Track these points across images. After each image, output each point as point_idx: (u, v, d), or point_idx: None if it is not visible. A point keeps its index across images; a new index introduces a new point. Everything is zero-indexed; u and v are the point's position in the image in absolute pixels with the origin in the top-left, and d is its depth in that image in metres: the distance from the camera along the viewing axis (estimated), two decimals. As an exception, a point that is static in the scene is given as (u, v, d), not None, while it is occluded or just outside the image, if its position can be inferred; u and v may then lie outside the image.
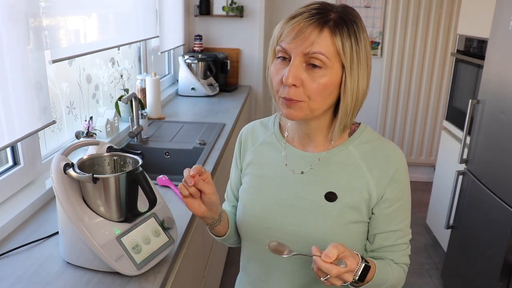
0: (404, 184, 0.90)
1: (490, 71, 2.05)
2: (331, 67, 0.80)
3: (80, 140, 1.45)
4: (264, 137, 1.01)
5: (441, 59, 3.66)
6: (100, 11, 1.91)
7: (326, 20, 0.80)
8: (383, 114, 3.85)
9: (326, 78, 0.80)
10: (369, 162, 0.89)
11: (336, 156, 0.91)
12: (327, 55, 0.79)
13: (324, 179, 0.90)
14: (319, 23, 0.79)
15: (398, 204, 0.90)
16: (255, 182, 0.98)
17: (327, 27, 0.79)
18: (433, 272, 2.69)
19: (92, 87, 2.08)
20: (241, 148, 1.06)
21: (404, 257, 0.94)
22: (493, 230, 1.94)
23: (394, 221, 0.90)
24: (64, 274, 1.08)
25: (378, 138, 0.93)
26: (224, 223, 1.01)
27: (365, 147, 0.91)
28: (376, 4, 3.60)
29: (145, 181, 1.07)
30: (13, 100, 1.24)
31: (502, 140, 1.89)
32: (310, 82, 0.80)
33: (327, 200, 0.89)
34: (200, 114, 2.71)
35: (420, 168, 4.00)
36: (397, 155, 0.90)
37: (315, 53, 0.79)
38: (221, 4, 3.44)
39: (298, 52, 0.79)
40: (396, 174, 0.88)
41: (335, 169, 0.90)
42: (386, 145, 0.92)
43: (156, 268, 1.11)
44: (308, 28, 0.79)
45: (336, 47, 0.79)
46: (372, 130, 0.95)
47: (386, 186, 0.88)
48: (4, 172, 1.40)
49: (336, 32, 0.79)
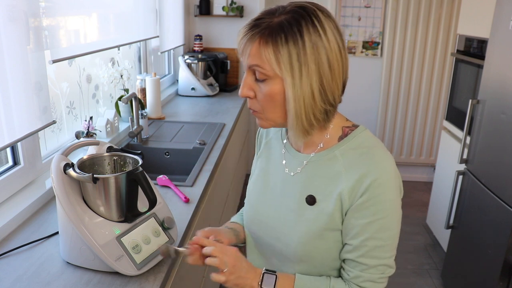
0: (379, 200, 0.82)
1: (490, 71, 2.05)
2: (273, 76, 0.79)
3: (80, 140, 1.45)
4: (274, 132, 1.04)
5: (441, 59, 3.66)
6: (100, 11, 1.91)
7: (261, 30, 0.78)
8: (383, 114, 3.85)
9: (268, 88, 0.81)
10: (350, 169, 0.84)
11: (322, 160, 0.90)
12: (262, 66, 0.79)
13: (307, 182, 0.90)
14: (253, 35, 0.78)
15: (366, 220, 0.82)
16: (259, 175, 1.02)
17: (258, 38, 0.78)
18: (433, 272, 2.69)
19: (92, 87, 2.08)
20: (258, 140, 1.09)
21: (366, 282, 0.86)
22: (493, 230, 1.94)
23: (358, 236, 0.84)
24: (64, 274, 1.08)
25: (371, 145, 0.87)
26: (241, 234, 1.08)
27: (351, 154, 0.86)
28: (376, 4, 3.60)
29: (145, 181, 1.07)
30: (13, 100, 1.24)
31: (502, 140, 1.89)
32: (258, 93, 0.83)
33: (307, 203, 0.89)
34: (200, 114, 2.71)
35: (420, 168, 4.00)
36: (380, 167, 0.82)
37: (252, 66, 0.80)
38: (221, 4, 3.44)
39: (246, 64, 0.82)
40: (372, 186, 0.81)
41: (319, 172, 0.89)
42: (375, 154, 0.85)
43: (156, 268, 1.11)
44: (244, 41, 0.80)
45: (269, 57, 0.78)
46: (369, 136, 0.89)
47: (357, 195, 0.82)
48: (4, 172, 1.40)
49: (267, 42, 0.77)
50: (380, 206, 0.82)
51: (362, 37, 3.69)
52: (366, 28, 3.67)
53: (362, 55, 3.74)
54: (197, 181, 1.67)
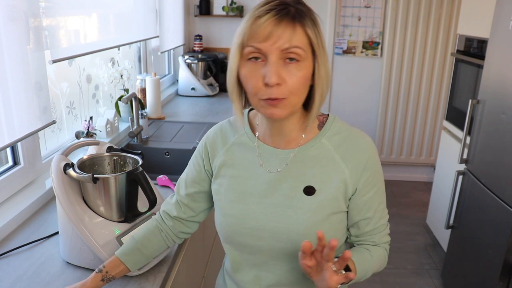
0: (377, 169, 0.93)
1: (490, 71, 2.05)
2: (306, 59, 0.82)
3: (80, 140, 1.45)
4: (235, 138, 1.00)
5: (441, 59, 3.66)
6: (100, 11, 1.91)
7: (293, 13, 0.81)
8: (383, 114, 3.85)
9: (304, 71, 0.82)
10: (343, 153, 0.91)
11: (310, 150, 0.92)
12: (303, 47, 0.81)
13: (301, 174, 0.91)
14: (289, 18, 0.80)
15: (373, 190, 0.93)
16: (231, 184, 0.96)
17: (297, 20, 0.81)
18: (433, 272, 2.69)
19: (92, 87, 2.08)
20: (208, 149, 1.02)
21: (385, 237, 0.98)
22: (493, 230, 1.94)
23: (372, 207, 0.93)
24: (64, 274, 1.08)
25: (348, 128, 0.95)
26: (118, 272, 0.99)
27: (337, 138, 0.92)
28: (376, 4, 3.60)
29: (145, 181, 1.07)
30: (13, 100, 1.24)
31: (502, 140, 1.89)
32: (290, 77, 0.81)
33: (306, 194, 0.90)
34: (200, 114, 2.71)
35: (420, 168, 3.99)
36: (368, 143, 0.93)
37: (293, 48, 0.80)
38: (221, 4, 3.44)
39: (274, 49, 0.80)
40: (368, 162, 0.91)
41: (311, 163, 0.91)
42: (356, 134, 0.94)
43: (156, 268, 1.11)
44: (280, 24, 0.79)
45: (308, 38, 0.82)
46: (340, 120, 0.96)
47: (360, 175, 0.90)
48: (4, 172, 1.40)
49: (304, 24, 0.81)
50: (377, 175, 0.94)
51: (362, 37, 3.69)
52: (366, 28, 3.67)
53: (362, 55, 3.74)
54: (197, 181, 1.67)
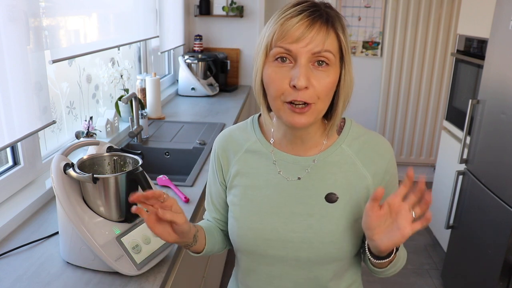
0: (395, 171, 0.94)
1: (490, 71, 2.05)
2: (335, 64, 0.81)
3: (80, 140, 1.45)
4: (248, 145, 0.95)
5: (441, 59, 3.65)
6: (100, 11, 1.91)
7: (326, 17, 0.78)
8: (383, 114, 3.85)
9: (332, 76, 0.80)
10: (363, 158, 0.90)
11: (331, 157, 0.90)
12: (334, 52, 0.79)
13: (322, 181, 0.89)
14: (323, 21, 0.78)
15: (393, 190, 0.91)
16: (247, 194, 0.92)
17: (330, 24, 0.78)
18: (433, 272, 2.69)
19: (92, 87, 2.08)
20: (221, 160, 0.97)
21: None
22: (493, 230, 1.94)
23: None
24: (64, 274, 1.08)
25: (365, 132, 0.94)
26: (200, 241, 0.94)
27: (356, 143, 0.91)
28: (376, 4, 3.60)
29: (145, 181, 1.07)
30: (13, 100, 1.24)
31: (502, 140, 1.89)
32: (318, 82, 0.78)
33: (328, 201, 0.88)
34: (200, 114, 2.71)
35: (420, 168, 3.99)
36: (386, 147, 0.92)
37: (324, 52, 0.77)
38: (221, 4, 3.44)
39: (305, 51, 0.76)
40: (388, 166, 0.91)
41: (332, 169, 0.89)
42: (375, 138, 0.93)
43: (156, 268, 1.11)
44: (314, 26, 0.76)
45: (339, 43, 0.80)
46: (357, 124, 0.95)
47: (381, 179, 0.90)
48: (4, 172, 1.40)
49: (336, 28, 0.80)
50: (395, 176, 0.94)
51: (362, 37, 3.69)
52: (366, 28, 3.67)
53: (362, 55, 3.74)
54: (197, 181, 1.67)
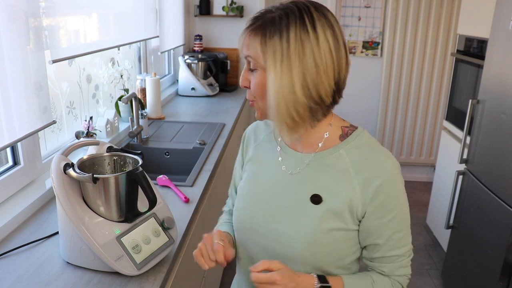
0: (395, 196, 0.86)
1: (490, 71, 2.05)
2: (261, 67, 0.84)
3: (80, 140, 1.45)
4: (265, 135, 1.03)
5: (441, 59, 3.66)
6: (100, 11, 1.91)
7: (255, 24, 0.84)
8: (383, 114, 3.85)
9: (258, 78, 0.85)
10: (358, 168, 0.86)
11: (326, 159, 0.90)
12: (253, 56, 0.84)
13: (311, 181, 0.90)
14: (248, 27, 0.85)
15: (388, 217, 0.86)
16: (250, 178, 1.00)
17: (251, 30, 0.84)
18: (433, 272, 2.69)
19: (92, 87, 2.08)
20: (244, 145, 1.07)
21: (399, 270, 0.91)
22: (493, 230, 1.94)
23: (384, 234, 0.88)
24: (64, 274, 1.08)
25: (372, 146, 0.90)
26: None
27: (356, 153, 0.88)
28: (376, 4, 3.60)
29: (145, 181, 1.07)
30: (13, 100, 1.24)
31: (502, 140, 1.89)
32: (251, 83, 0.87)
33: (312, 202, 0.88)
34: (200, 114, 2.71)
35: (420, 168, 4.00)
36: (387, 167, 0.86)
37: (246, 57, 0.86)
38: (221, 4, 3.44)
39: (243, 56, 0.88)
40: (382, 187, 0.84)
41: (324, 171, 0.89)
42: (379, 154, 0.88)
43: (156, 268, 1.11)
44: (245, 32, 0.86)
45: (257, 48, 0.83)
46: (369, 136, 0.92)
47: (371, 198, 0.85)
48: (4, 172, 1.40)
49: (257, 35, 0.83)
50: (396, 201, 0.87)
51: (362, 37, 3.69)
52: (366, 28, 3.67)
53: (362, 55, 3.74)
54: (197, 181, 1.67)
